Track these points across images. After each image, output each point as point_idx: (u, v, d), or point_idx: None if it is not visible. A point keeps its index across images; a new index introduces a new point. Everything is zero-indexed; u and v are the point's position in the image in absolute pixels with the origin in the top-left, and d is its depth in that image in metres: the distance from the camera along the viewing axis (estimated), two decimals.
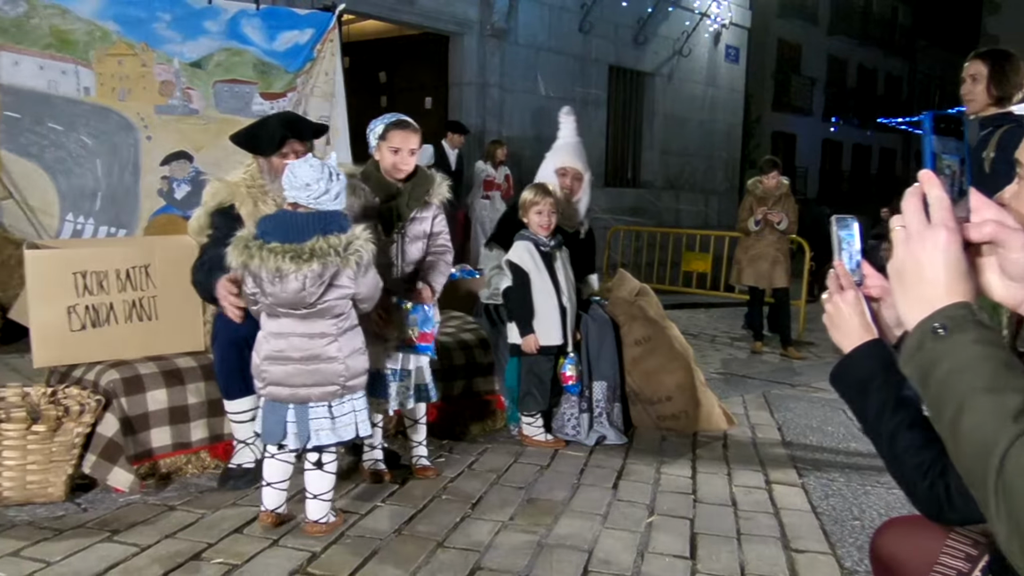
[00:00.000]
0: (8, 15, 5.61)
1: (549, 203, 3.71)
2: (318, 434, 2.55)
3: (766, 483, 3.39)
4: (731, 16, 12.60)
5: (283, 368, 2.54)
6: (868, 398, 1.24)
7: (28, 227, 5.62)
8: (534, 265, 3.68)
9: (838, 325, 1.28)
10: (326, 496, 2.66)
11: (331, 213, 2.54)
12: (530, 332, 3.64)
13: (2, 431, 2.61)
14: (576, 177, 4.06)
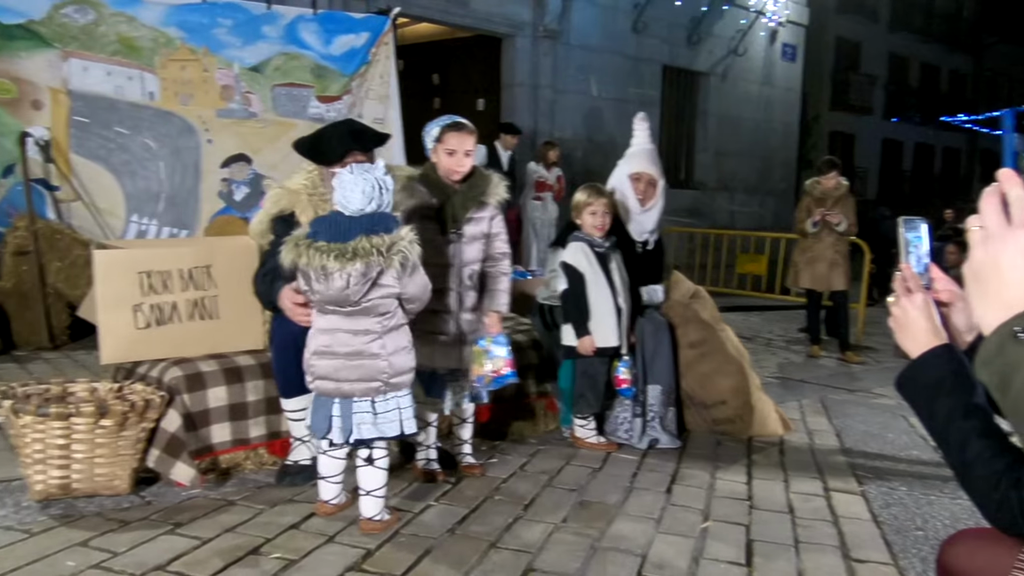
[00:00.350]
0: (78, 23, 5.82)
1: (603, 203, 3.67)
2: (360, 428, 2.61)
3: (824, 490, 3.31)
4: (788, 13, 12.36)
5: (329, 363, 2.60)
6: (936, 404, 1.21)
7: (95, 228, 5.82)
8: (589, 266, 3.64)
9: (905, 329, 1.24)
10: (378, 492, 2.70)
11: (378, 215, 2.59)
12: (586, 334, 3.61)
13: (72, 425, 2.70)
14: (651, 183, 3.96)
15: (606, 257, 3.69)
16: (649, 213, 3.98)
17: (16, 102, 5.63)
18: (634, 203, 3.93)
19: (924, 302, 1.25)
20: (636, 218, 3.95)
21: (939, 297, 1.28)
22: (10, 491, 2.83)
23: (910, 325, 1.24)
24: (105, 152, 6.03)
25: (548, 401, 3.97)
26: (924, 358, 1.23)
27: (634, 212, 3.95)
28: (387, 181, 2.63)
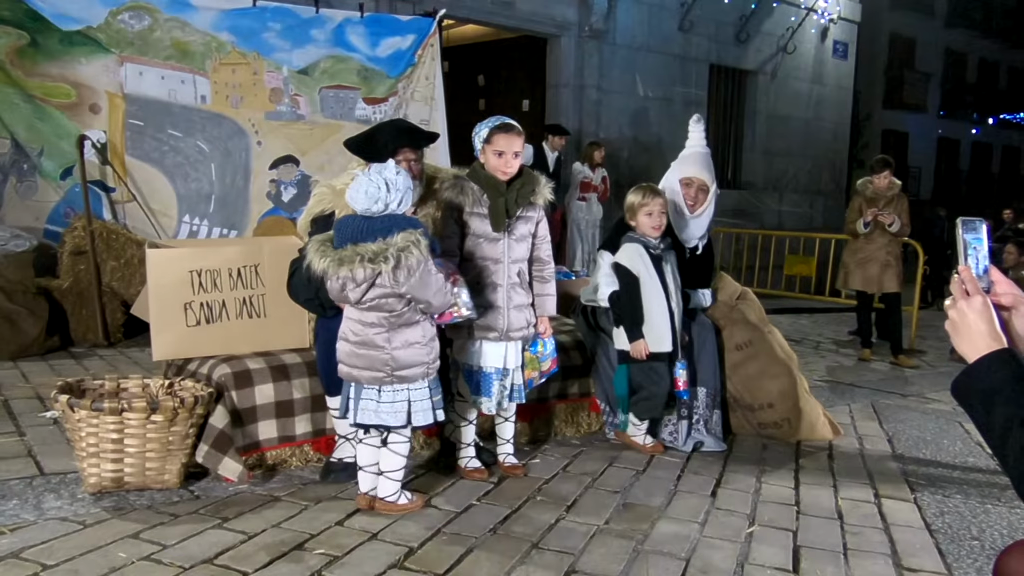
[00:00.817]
0: (133, 28, 5.98)
1: (659, 204, 3.57)
2: (361, 412, 2.75)
3: (875, 497, 3.23)
4: (839, 10, 12.11)
5: (344, 348, 2.79)
6: (994, 411, 1.16)
7: (149, 228, 5.96)
8: (644, 269, 3.54)
9: (963, 333, 1.20)
10: (393, 475, 2.83)
11: (394, 217, 2.68)
12: (639, 337, 3.51)
13: (125, 420, 2.77)
14: (702, 188, 3.85)
15: (661, 259, 3.59)
16: (699, 220, 3.87)
17: (75, 106, 5.81)
18: (684, 208, 3.84)
19: (983, 305, 1.20)
20: (685, 223, 3.84)
21: (999, 301, 1.24)
22: (66, 483, 2.91)
23: (968, 329, 1.20)
24: (159, 154, 6.19)
25: (591, 402, 3.95)
26: (982, 363, 1.18)
27: (684, 217, 3.85)
28: (397, 181, 2.67)
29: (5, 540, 2.43)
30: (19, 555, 2.34)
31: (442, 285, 2.74)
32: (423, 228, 2.72)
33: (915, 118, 20.97)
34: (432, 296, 2.72)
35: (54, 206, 5.80)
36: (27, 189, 5.72)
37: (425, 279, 2.66)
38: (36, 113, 5.66)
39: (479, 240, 3.12)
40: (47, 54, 5.66)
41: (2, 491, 2.80)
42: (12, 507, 2.68)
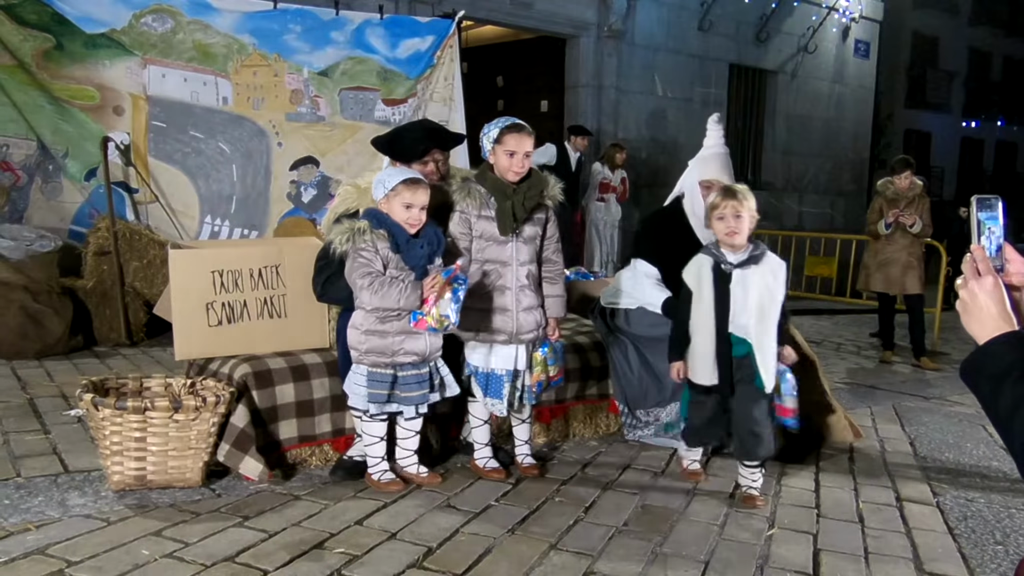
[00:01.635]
0: (156, 31, 6.04)
1: (731, 206, 3.02)
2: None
3: (896, 500, 3.21)
4: (861, 9, 12.01)
5: None
6: (1002, 394, 1.15)
7: (171, 229, 6.03)
8: (700, 287, 3.07)
9: (973, 313, 1.19)
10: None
11: None
12: (677, 359, 3.16)
13: (148, 419, 2.80)
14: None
15: (729, 277, 3.02)
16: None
17: (99, 108, 5.88)
18: (701, 209, 3.79)
19: (994, 285, 1.18)
20: (699, 225, 3.75)
21: (1010, 280, 1.21)
22: (90, 481, 2.95)
23: (978, 309, 1.18)
24: (181, 155, 6.25)
25: (609, 403, 3.94)
26: (991, 345, 1.17)
27: (703, 221, 3.80)
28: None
29: (31, 536, 2.47)
30: (44, 551, 2.37)
31: (361, 284, 2.87)
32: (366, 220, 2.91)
33: (938, 118, 20.71)
34: (355, 291, 2.91)
35: (78, 207, 5.88)
36: (52, 190, 5.80)
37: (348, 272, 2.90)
38: (61, 115, 5.74)
39: (487, 243, 3.12)
40: (72, 57, 5.74)
41: (28, 488, 2.84)
42: (38, 504, 2.72)
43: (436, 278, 2.80)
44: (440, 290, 2.79)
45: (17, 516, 2.61)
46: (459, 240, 3.10)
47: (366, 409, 2.97)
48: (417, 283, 2.85)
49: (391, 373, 2.92)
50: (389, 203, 2.91)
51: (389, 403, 2.95)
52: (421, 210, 2.90)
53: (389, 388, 2.92)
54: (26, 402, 3.92)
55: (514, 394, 3.17)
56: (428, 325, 2.83)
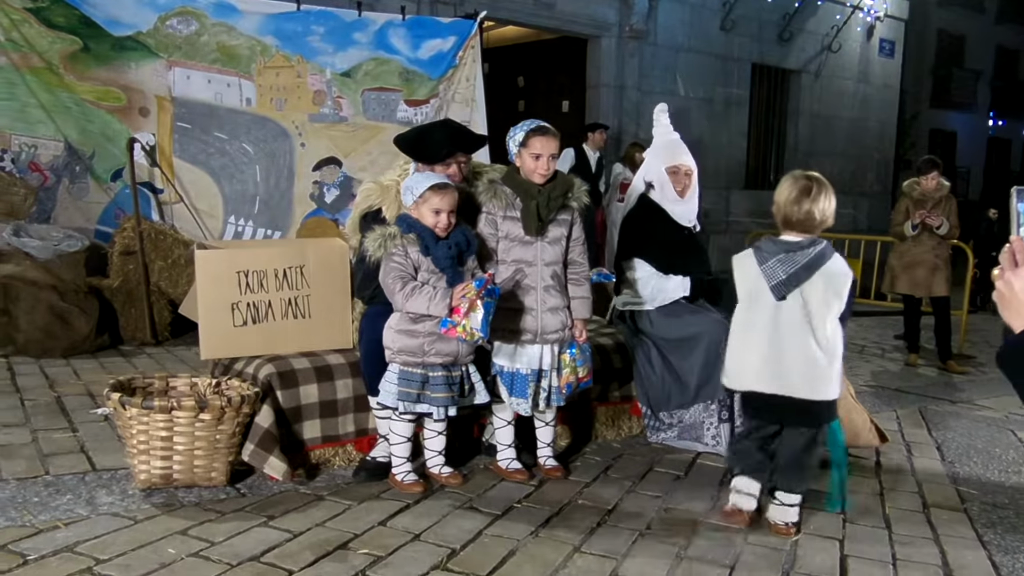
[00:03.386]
0: (182, 34, 6.10)
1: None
2: None
3: (924, 507, 3.16)
4: (886, 7, 11.89)
5: None
6: None
7: (195, 229, 6.08)
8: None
9: (1010, 304, 1.17)
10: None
11: None
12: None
13: (174, 418, 2.83)
14: (687, 173, 3.87)
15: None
16: (692, 201, 3.90)
17: (125, 109, 5.95)
18: (674, 195, 3.84)
19: None
20: (677, 209, 3.86)
21: None
22: (116, 479, 2.98)
23: (1015, 299, 1.17)
24: (205, 156, 6.30)
25: (632, 405, 3.93)
26: None
27: (675, 204, 3.85)
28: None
29: (60, 534, 2.50)
30: (73, 549, 2.40)
31: (385, 284, 2.92)
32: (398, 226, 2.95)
33: (964, 117, 20.45)
34: (388, 294, 2.95)
35: (104, 207, 5.94)
36: (79, 190, 5.86)
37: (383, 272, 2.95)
38: (88, 117, 5.81)
39: (513, 244, 3.13)
40: (99, 59, 5.80)
41: (56, 486, 2.88)
42: (66, 502, 2.75)
43: (467, 288, 2.81)
44: (471, 301, 2.80)
45: (46, 514, 2.64)
46: (486, 240, 3.11)
47: (395, 407, 2.97)
48: (447, 291, 2.86)
49: (421, 373, 2.93)
50: (418, 209, 2.93)
51: (419, 403, 2.95)
52: (450, 214, 2.92)
53: (419, 388, 2.93)
54: (54, 400, 3.97)
55: (539, 394, 3.17)
56: (457, 335, 2.85)
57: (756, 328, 2.72)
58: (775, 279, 2.67)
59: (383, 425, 3.21)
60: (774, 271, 2.68)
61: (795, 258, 2.67)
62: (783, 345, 2.67)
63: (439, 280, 2.93)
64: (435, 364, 2.95)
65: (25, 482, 2.89)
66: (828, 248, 2.71)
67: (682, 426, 3.74)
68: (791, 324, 2.66)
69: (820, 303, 2.65)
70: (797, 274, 2.65)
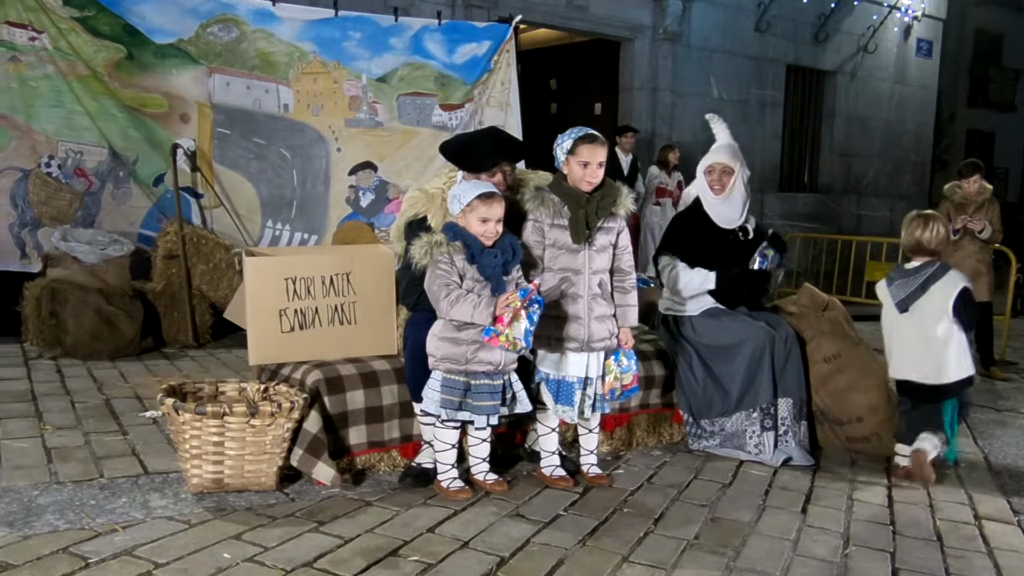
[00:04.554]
0: (222, 41, 6.18)
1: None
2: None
3: (975, 518, 3.12)
4: (924, 7, 11.71)
5: None
6: None
7: (235, 233, 6.16)
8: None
9: None
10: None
11: None
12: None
13: (225, 423, 2.87)
14: (724, 171, 3.82)
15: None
16: (728, 201, 3.84)
17: (167, 115, 6.04)
18: (709, 194, 3.85)
19: None
20: (716, 208, 3.85)
21: None
22: (169, 483, 3.04)
23: None
24: (244, 161, 6.38)
25: (674, 413, 3.92)
26: None
27: (713, 203, 3.84)
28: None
29: (118, 537, 2.55)
30: (132, 552, 2.45)
31: (431, 291, 2.93)
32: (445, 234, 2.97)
33: (1002, 117, 20.09)
34: (433, 301, 2.96)
35: (147, 211, 6.03)
36: (122, 195, 5.96)
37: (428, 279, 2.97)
38: (131, 123, 5.90)
39: (560, 251, 3.14)
40: (142, 67, 5.90)
41: (111, 489, 2.94)
42: (122, 505, 2.81)
43: (511, 297, 2.82)
44: (515, 311, 2.81)
45: (103, 517, 2.70)
46: (532, 248, 3.12)
47: (438, 414, 3.00)
48: (492, 299, 2.87)
49: (464, 381, 2.95)
50: (466, 218, 2.95)
51: (461, 411, 2.97)
52: (497, 223, 2.93)
53: (461, 395, 2.95)
54: (103, 403, 4.05)
55: (584, 401, 3.17)
56: (500, 344, 2.86)
57: (894, 333, 3.55)
58: (897, 298, 3.50)
59: (427, 431, 3.23)
60: (896, 292, 3.51)
61: (910, 281, 3.46)
62: (911, 344, 3.47)
63: (484, 288, 2.95)
64: (478, 372, 2.96)
65: (81, 485, 2.95)
66: (940, 269, 3.44)
67: (724, 434, 3.73)
68: (916, 328, 3.45)
69: (932, 313, 3.41)
70: (912, 294, 3.45)
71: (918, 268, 3.47)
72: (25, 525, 2.59)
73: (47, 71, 5.62)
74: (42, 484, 2.93)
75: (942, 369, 3.42)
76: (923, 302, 3.42)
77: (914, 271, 3.48)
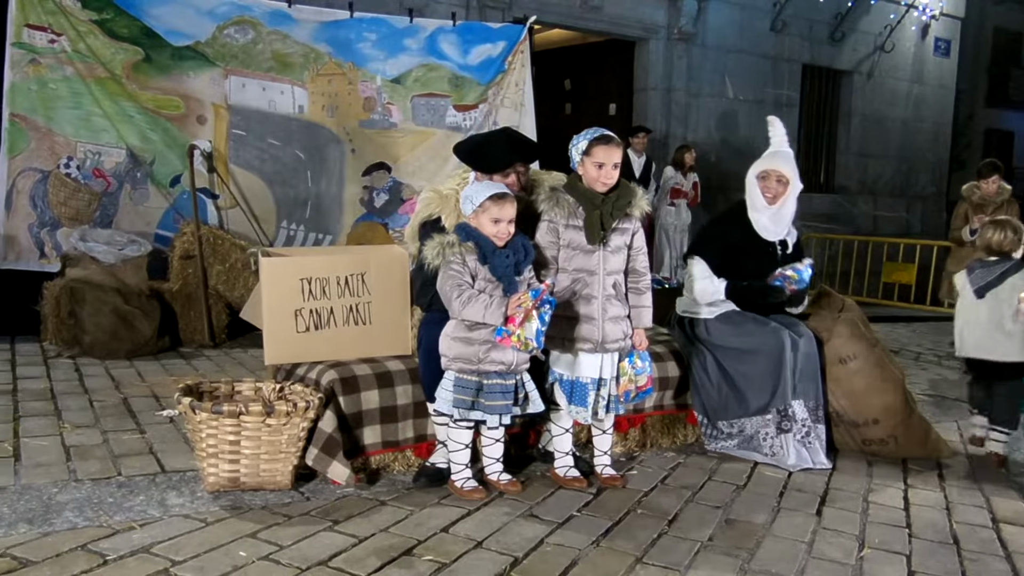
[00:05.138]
0: (238, 42, 6.23)
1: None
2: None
3: (992, 521, 3.10)
4: (942, 6, 11.61)
5: None
6: None
7: (251, 233, 6.20)
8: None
9: None
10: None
11: None
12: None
13: (241, 423, 2.89)
14: (780, 180, 3.75)
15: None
16: (780, 212, 3.79)
17: (183, 117, 6.09)
18: (761, 202, 3.77)
19: None
20: (762, 217, 3.78)
21: None
22: (185, 481, 3.06)
23: None
24: (259, 162, 6.43)
25: (688, 414, 3.91)
26: None
27: (760, 211, 3.78)
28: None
29: (136, 535, 2.57)
30: (149, 550, 2.47)
31: (450, 296, 2.93)
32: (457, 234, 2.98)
33: (1021, 116, 19.88)
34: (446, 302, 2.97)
35: (164, 212, 6.09)
36: (140, 196, 6.02)
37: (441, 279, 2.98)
38: (149, 124, 5.96)
39: (574, 252, 3.14)
40: (159, 69, 5.96)
41: (129, 487, 2.96)
42: (140, 503, 2.83)
43: (523, 297, 2.83)
44: (527, 311, 2.81)
45: (121, 514, 2.72)
46: (546, 249, 3.13)
47: (451, 414, 3.01)
48: (503, 299, 2.87)
49: (476, 380, 2.96)
50: (478, 219, 2.96)
51: (473, 410, 2.98)
52: (509, 223, 2.94)
53: (474, 395, 2.96)
54: (121, 402, 4.09)
55: (598, 402, 3.17)
56: (512, 344, 2.86)
57: (967, 317, 3.85)
58: (976, 284, 3.81)
59: (441, 431, 3.24)
60: (975, 280, 3.82)
61: (990, 271, 3.79)
62: (984, 327, 3.76)
63: (496, 289, 2.95)
64: (490, 372, 2.97)
65: (99, 483, 2.98)
66: (1016, 265, 3.78)
67: (742, 436, 3.71)
68: (989, 312, 3.75)
69: (1005, 299, 3.71)
70: (991, 282, 3.77)
71: (998, 261, 3.83)
72: (44, 522, 2.63)
73: (66, 73, 5.68)
74: (61, 482, 2.97)
75: (1010, 349, 3.72)
76: (999, 290, 3.74)
77: (994, 263, 3.83)
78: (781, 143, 3.88)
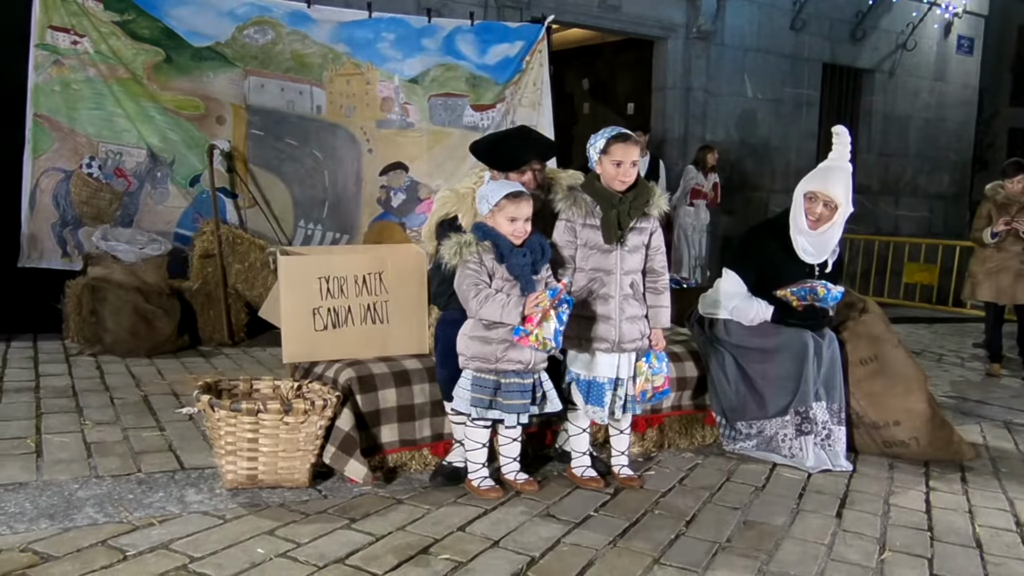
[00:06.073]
0: (257, 43, 6.27)
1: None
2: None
3: (1016, 525, 3.05)
4: (965, 3, 11.46)
5: None
6: None
7: (269, 232, 6.24)
8: None
9: None
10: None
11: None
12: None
13: (260, 420, 2.91)
14: (827, 205, 3.53)
15: None
16: (821, 238, 3.60)
17: (203, 117, 6.14)
18: (803, 223, 3.61)
19: None
20: (803, 239, 3.62)
21: None
22: (204, 478, 3.08)
23: None
24: (277, 162, 6.47)
25: (706, 414, 3.88)
26: None
27: (802, 231, 3.61)
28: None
29: (155, 531, 2.59)
30: (168, 546, 2.49)
31: (459, 291, 2.94)
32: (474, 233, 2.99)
33: None
34: (463, 301, 2.97)
35: (183, 211, 6.14)
36: (160, 195, 6.08)
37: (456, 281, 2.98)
38: (169, 125, 6.02)
39: (592, 251, 3.13)
40: (180, 69, 6.01)
41: (149, 484, 2.99)
42: (159, 499, 2.85)
43: (540, 297, 2.82)
44: (544, 311, 2.81)
45: (141, 511, 2.74)
46: (564, 248, 3.12)
47: (468, 413, 3.01)
48: (520, 299, 2.87)
49: (494, 379, 2.95)
50: (494, 217, 2.95)
51: (491, 409, 2.98)
52: (525, 222, 2.93)
53: (491, 394, 2.96)
54: (141, 399, 4.12)
55: (615, 402, 3.16)
56: (530, 344, 2.86)
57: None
58: None
59: (458, 430, 3.24)
60: None
61: None
62: None
63: (513, 288, 2.95)
64: (508, 371, 2.97)
65: (119, 479, 3.01)
66: None
67: (762, 437, 3.68)
68: None
69: None
70: None
71: None
72: (66, 518, 2.65)
73: (88, 74, 5.74)
74: (82, 478, 3.00)
75: None
76: None
77: None
78: (841, 156, 3.62)
